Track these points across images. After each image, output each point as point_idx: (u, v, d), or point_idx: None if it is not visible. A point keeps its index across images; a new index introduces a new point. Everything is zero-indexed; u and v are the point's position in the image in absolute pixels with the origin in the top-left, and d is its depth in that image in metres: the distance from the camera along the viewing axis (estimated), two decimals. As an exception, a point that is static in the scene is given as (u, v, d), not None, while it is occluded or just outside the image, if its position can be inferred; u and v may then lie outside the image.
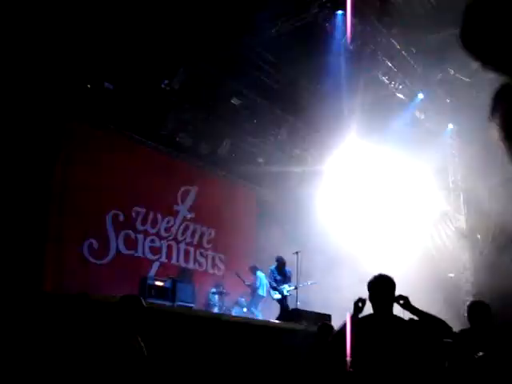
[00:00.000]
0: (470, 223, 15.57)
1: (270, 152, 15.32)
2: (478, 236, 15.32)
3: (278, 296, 12.05)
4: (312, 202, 15.00)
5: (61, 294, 7.07)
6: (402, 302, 4.31)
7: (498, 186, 13.50)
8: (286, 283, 12.08)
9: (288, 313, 11.45)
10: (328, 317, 10.05)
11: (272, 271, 12.28)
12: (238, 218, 15.45)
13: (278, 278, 12.14)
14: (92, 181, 11.90)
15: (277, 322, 10.79)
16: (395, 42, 13.11)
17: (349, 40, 12.00)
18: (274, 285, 12.11)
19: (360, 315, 4.37)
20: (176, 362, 7.13)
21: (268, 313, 12.82)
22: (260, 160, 15.37)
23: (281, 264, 12.27)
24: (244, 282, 13.34)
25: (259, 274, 13.27)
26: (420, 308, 4.29)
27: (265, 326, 8.86)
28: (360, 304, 4.37)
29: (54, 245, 11.28)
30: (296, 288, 11.97)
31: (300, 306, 11.53)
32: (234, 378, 7.32)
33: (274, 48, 12.65)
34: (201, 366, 7.37)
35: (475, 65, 12.43)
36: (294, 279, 12.04)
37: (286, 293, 12.00)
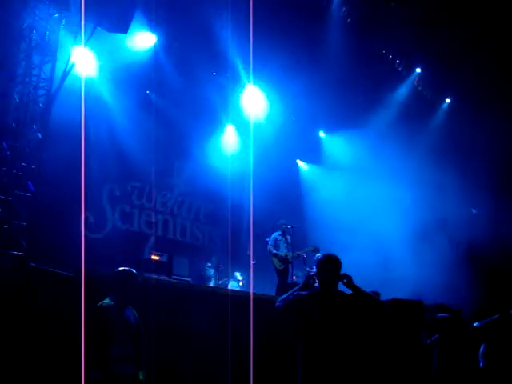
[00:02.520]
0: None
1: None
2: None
3: (282, 266, 11.88)
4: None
5: (52, 269, 7.04)
6: (345, 280, 4.70)
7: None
8: (290, 250, 11.92)
9: (286, 286, 11.45)
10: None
11: (276, 238, 12.07)
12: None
13: (283, 245, 11.96)
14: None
15: (274, 296, 10.81)
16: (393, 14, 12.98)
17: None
18: (278, 253, 11.88)
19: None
20: (172, 334, 7.16)
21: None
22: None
23: (285, 229, 12.08)
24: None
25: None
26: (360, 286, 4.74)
27: (262, 300, 8.85)
28: (311, 280, 4.89)
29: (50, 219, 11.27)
30: (298, 256, 11.93)
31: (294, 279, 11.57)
32: (230, 350, 7.35)
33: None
34: (196, 339, 7.41)
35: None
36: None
37: (289, 258, 11.85)
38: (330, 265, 4.70)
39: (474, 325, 6.26)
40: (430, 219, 14.72)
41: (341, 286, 4.78)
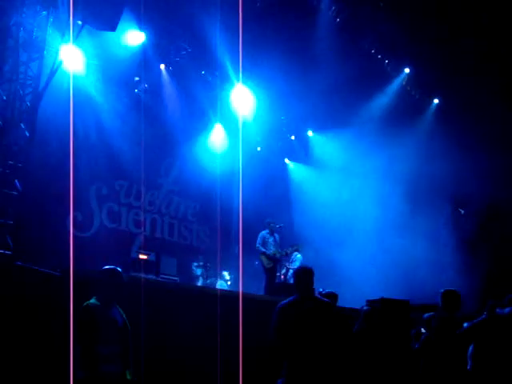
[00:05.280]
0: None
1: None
2: None
3: (270, 265, 11.87)
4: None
5: (39, 268, 7.00)
6: None
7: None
8: (278, 249, 11.93)
9: (274, 286, 11.47)
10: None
11: (264, 236, 12.06)
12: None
13: (271, 243, 11.96)
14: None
15: (263, 295, 10.83)
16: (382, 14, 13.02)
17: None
18: (267, 252, 11.85)
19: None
20: (160, 333, 7.15)
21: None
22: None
23: (272, 228, 12.08)
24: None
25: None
26: None
27: (251, 300, 8.85)
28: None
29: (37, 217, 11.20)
30: (287, 254, 12.00)
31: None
32: (219, 349, 7.35)
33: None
34: (184, 338, 7.40)
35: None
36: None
37: (278, 256, 11.86)
38: (305, 275, 5.44)
39: (464, 325, 6.28)
40: (420, 215, 14.82)
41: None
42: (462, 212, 15.60)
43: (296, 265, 12.97)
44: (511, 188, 13.83)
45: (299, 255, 12.92)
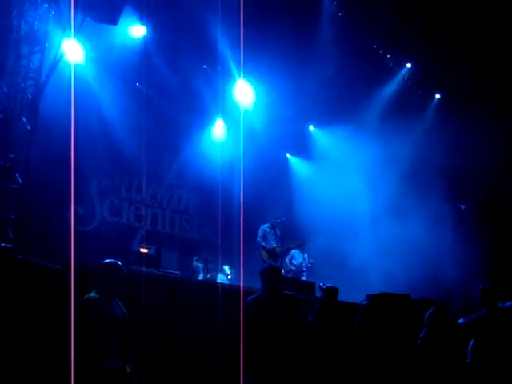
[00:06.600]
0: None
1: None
2: None
3: (269, 260, 11.85)
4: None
5: (39, 261, 7.00)
6: None
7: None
8: (278, 243, 11.92)
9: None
10: (312, 284, 10.08)
11: (265, 230, 12.04)
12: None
13: (272, 237, 11.95)
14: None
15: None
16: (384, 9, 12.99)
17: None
18: (266, 246, 11.84)
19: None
20: (161, 328, 7.15)
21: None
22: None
23: (274, 223, 12.06)
24: None
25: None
26: None
27: (251, 294, 8.83)
28: None
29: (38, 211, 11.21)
30: (289, 249, 12.02)
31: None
32: (219, 343, 7.35)
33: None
34: (185, 332, 7.41)
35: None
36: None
37: (277, 251, 11.86)
38: (273, 273, 5.71)
39: (459, 321, 6.28)
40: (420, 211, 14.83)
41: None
42: (463, 207, 15.59)
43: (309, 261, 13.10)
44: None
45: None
